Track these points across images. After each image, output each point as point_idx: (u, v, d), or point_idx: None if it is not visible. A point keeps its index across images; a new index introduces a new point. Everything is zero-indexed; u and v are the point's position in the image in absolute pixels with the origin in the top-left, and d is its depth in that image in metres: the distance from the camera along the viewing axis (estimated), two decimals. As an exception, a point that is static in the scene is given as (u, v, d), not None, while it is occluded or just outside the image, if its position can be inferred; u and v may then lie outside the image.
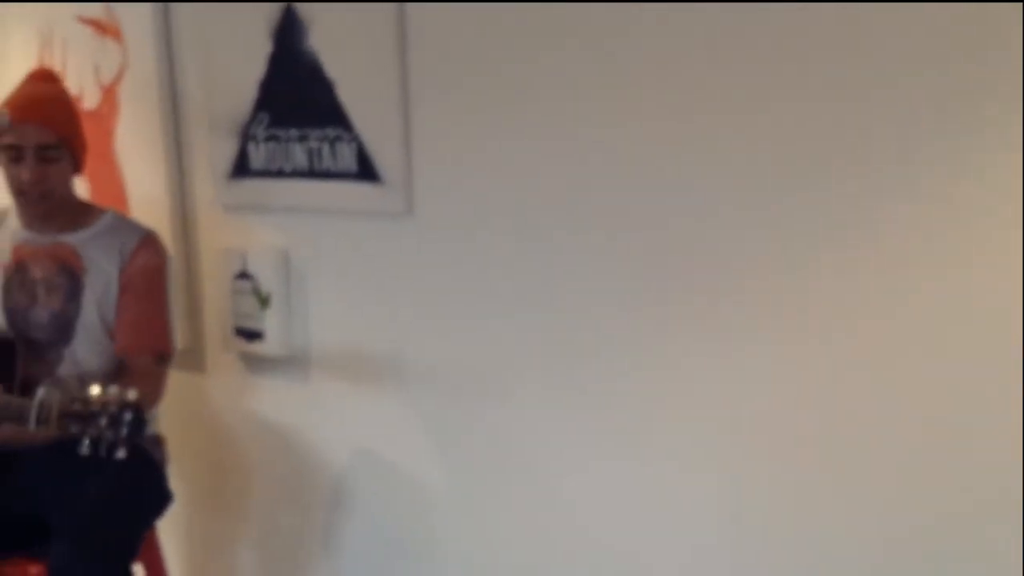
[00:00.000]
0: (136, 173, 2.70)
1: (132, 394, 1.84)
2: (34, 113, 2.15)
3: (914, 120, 1.64)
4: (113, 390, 1.84)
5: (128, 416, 1.82)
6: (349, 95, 2.23)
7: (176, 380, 2.50)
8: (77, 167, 2.26)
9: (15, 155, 2.14)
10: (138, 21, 2.58)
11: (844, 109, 1.69)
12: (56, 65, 2.79)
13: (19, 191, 2.17)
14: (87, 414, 1.83)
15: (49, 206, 2.20)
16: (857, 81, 1.67)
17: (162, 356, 2.29)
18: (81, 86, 2.74)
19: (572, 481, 2.12)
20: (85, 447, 1.82)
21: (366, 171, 2.24)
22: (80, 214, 2.29)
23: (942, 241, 1.65)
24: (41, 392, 1.90)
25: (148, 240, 2.29)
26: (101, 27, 2.68)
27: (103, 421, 1.81)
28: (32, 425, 1.89)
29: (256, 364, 2.60)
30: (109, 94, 2.70)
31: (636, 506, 2.04)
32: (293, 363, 2.52)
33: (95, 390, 1.86)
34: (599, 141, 1.94)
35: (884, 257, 1.70)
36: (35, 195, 2.17)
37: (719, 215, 1.83)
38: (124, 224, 2.32)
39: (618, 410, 2.02)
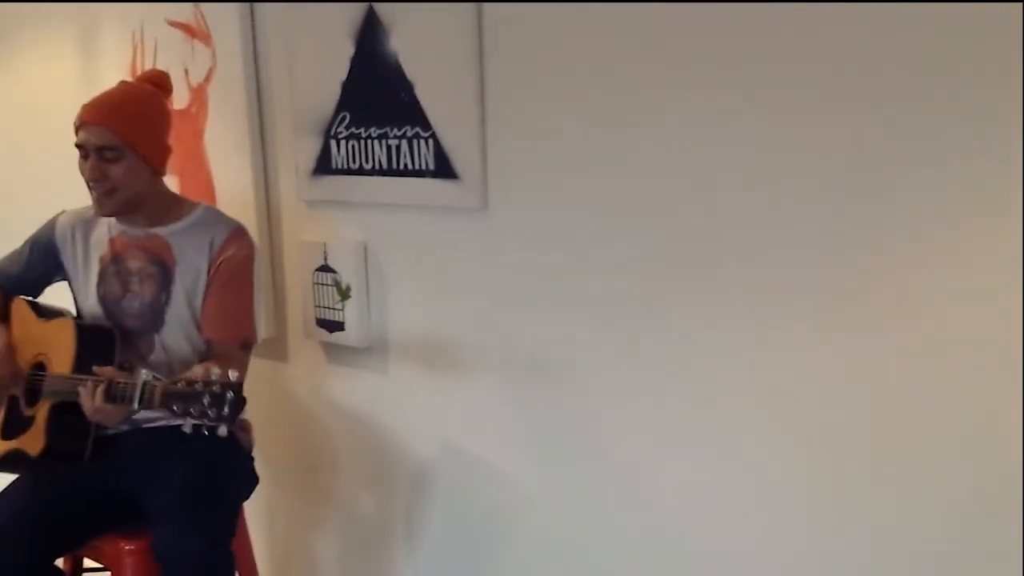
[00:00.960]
0: (224, 170, 2.78)
1: (233, 374, 1.89)
2: (95, 115, 2.22)
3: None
4: (215, 371, 1.88)
5: (230, 395, 1.86)
6: (428, 95, 2.27)
7: (260, 368, 2.57)
8: (156, 170, 2.30)
9: (83, 154, 2.23)
10: (226, 25, 2.66)
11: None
12: (147, 66, 2.90)
13: (88, 186, 2.25)
14: (190, 394, 1.87)
15: (118, 204, 2.26)
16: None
17: (246, 343, 2.35)
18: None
19: (648, 469, 2.13)
20: (188, 426, 1.87)
21: (443, 168, 2.28)
22: (172, 208, 2.35)
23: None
24: (144, 374, 1.96)
25: (237, 233, 2.34)
26: (191, 30, 2.77)
27: (205, 400, 1.85)
28: (136, 406, 1.96)
29: (336, 354, 2.67)
30: (198, 94, 2.79)
31: (708, 493, 2.05)
32: (372, 353, 2.58)
33: (197, 370, 1.91)
34: (674, 139, 1.94)
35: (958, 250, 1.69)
36: (100, 192, 2.23)
37: (788, 213, 1.83)
38: (215, 217, 2.37)
39: (692, 401, 2.03)
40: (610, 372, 2.14)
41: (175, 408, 1.88)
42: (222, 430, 1.87)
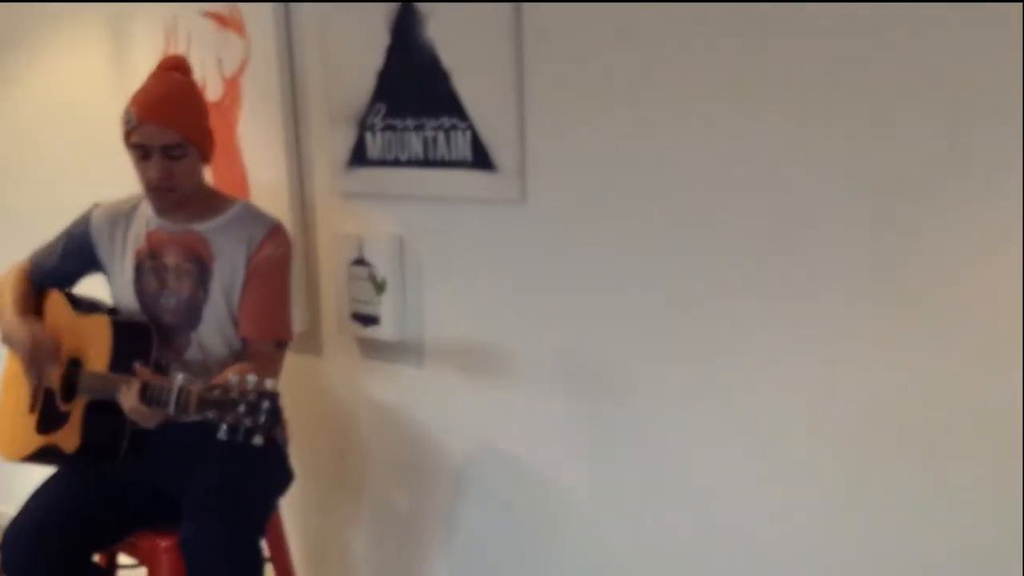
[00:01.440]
0: (257, 162, 2.75)
1: (270, 383, 1.88)
2: (158, 113, 2.18)
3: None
4: (251, 378, 1.88)
5: (266, 404, 1.85)
6: (464, 85, 2.24)
7: (294, 362, 2.56)
8: (205, 159, 2.30)
9: (142, 153, 2.19)
10: (259, 15, 2.63)
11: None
12: (180, 57, 2.88)
13: (148, 187, 2.23)
14: (226, 401, 1.87)
15: (178, 199, 2.25)
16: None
17: (281, 342, 2.35)
18: (204, 78, 2.80)
19: (687, 468, 2.11)
20: (223, 433, 1.86)
21: (480, 159, 2.25)
22: (211, 203, 2.33)
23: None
24: (180, 378, 1.95)
25: (275, 231, 2.32)
26: (224, 21, 2.74)
27: (241, 408, 1.85)
28: (171, 411, 1.96)
29: (371, 348, 2.65)
30: (231, 86, 2.77)
31: (750, 496, 2.03)
32: (407, 348, 2.55)
33: (233, 377, 1.90)
34: (716, 130, 1.92)
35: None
36: (164, 190, 2.22)
37: (836, 215, 1.81)
38: (253, 215, 2.35)
39: (733, 400, 2.00)
40: (652, 370, 2.12)
41: (210, 415, 1.88)
42: (257, 439, 1.86)
